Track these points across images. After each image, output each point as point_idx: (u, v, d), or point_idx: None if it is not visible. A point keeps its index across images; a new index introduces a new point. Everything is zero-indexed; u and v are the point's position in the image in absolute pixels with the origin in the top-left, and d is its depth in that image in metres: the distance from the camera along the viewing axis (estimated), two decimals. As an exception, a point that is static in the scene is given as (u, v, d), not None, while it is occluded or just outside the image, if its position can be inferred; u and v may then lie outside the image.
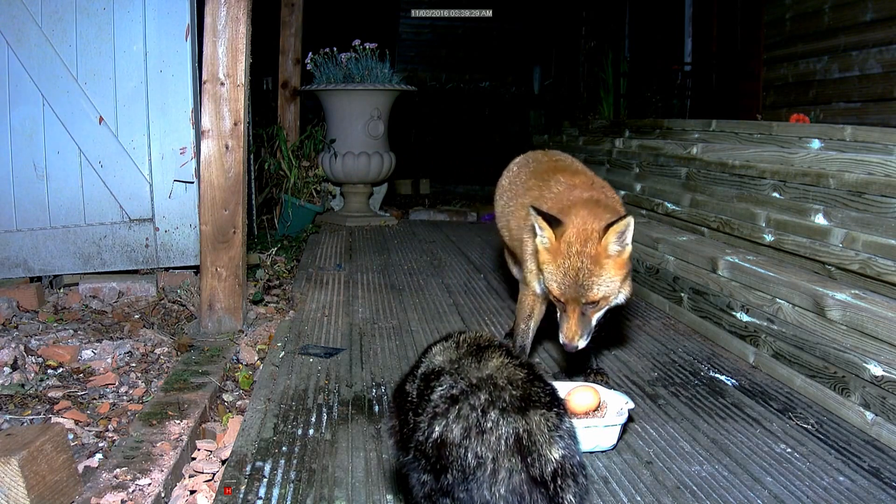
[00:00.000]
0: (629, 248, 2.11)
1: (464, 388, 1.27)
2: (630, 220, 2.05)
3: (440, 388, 1.30)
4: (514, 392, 1.25)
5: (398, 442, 1.42)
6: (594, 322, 2.15)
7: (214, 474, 2.01)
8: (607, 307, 2.18)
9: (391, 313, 3.45)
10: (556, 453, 1.21)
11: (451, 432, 1.22)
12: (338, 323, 3.27)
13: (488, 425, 1.21)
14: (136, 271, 3.78)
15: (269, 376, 2.59)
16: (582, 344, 2.13)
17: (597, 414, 2.07)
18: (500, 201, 2.84)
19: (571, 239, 2.08)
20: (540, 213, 2.13)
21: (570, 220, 2.13)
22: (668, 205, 4.01)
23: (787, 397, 2.47)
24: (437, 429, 1.24)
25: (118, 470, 1.90)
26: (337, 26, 6.98)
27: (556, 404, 1.28)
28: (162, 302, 3.58)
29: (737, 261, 3.01)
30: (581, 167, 2.73)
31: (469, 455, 1.19)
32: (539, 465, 1.19)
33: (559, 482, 1.19)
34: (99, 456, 2.09)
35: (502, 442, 1.19)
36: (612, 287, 2.10)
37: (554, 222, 2.12)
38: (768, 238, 3.05)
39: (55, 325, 3.22)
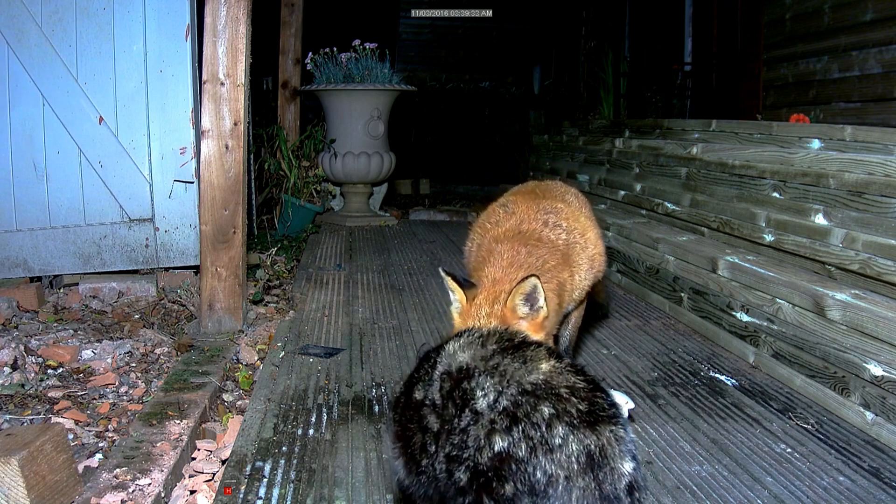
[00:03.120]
0: (543, 311, 1.93)
1: (518, 399, 1.16)
2: (533, 281, 1.87)
3: (484, 395, 1.18)
4: (580, 406, 1.16)
5: (408, 462, 1.28)
6: None
7: (214, 474, 2.01)
8: None
9: (391, 313, 3.45)
10: (627, 466, 1.15)
11: (519, 449, 1.13)
12: (338, 323, 3.27)
13: (556, 442, 1.12)
14: (136, 271, 3.78)
15: (269, 376, 2.59)
16: None
17: (597, 414, 2.07)
18: None
19: (481, 301, 1.96)
20: (450, 274, 1.97)
21: (483, 276, 2.02)
22: (668, 205, 4.01)
23: (787, 397, 2.47)
24: (498, 444, 1.14)
25: (118, 470, 1.90)
26: (337, 26, 6.99)
27: (619, 414, 1.22)
28: (162, 302, 3.58)
29: (737, 261, 3.01)
30: (551, 193, 2.47)
31: (538, 472, 1.12)
32: (611, 481, 1.13)
33: (636, 495, 1.15)
34: (99, 456, 2.09)
35: (573, 459, 1.12)
36: None
37: (466, 285, 2.00)
38: (768, 238, 3.05)
39: (55, 325, 3.21)
